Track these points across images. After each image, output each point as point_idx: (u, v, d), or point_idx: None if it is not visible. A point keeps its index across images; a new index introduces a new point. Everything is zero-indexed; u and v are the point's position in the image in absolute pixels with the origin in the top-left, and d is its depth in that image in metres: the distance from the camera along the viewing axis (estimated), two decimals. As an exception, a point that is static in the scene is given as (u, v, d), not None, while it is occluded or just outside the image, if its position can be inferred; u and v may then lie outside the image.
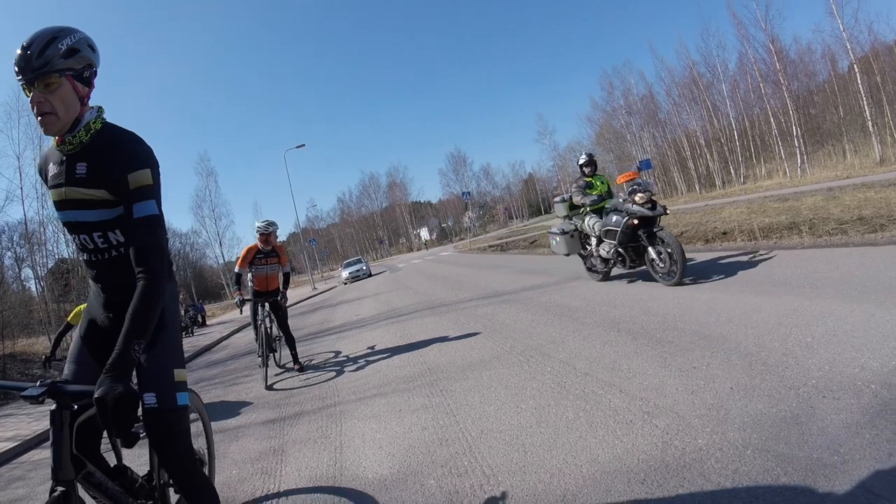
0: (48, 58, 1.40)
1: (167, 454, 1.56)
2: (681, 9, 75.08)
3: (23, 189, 17.10)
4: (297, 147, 31.31)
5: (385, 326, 7.47)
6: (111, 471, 1.62)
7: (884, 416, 1.85)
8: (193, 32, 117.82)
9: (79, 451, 1.37)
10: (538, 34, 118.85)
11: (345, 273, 28.13)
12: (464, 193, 34.86)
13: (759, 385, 2.36)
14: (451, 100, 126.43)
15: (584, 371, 3.19)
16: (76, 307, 5.37)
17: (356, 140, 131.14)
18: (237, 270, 5.87)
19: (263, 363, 5.42)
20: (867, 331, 2.70)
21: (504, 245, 23.04)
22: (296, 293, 25.94)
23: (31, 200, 17.82)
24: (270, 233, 5.60)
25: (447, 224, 78.21)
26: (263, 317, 5.70)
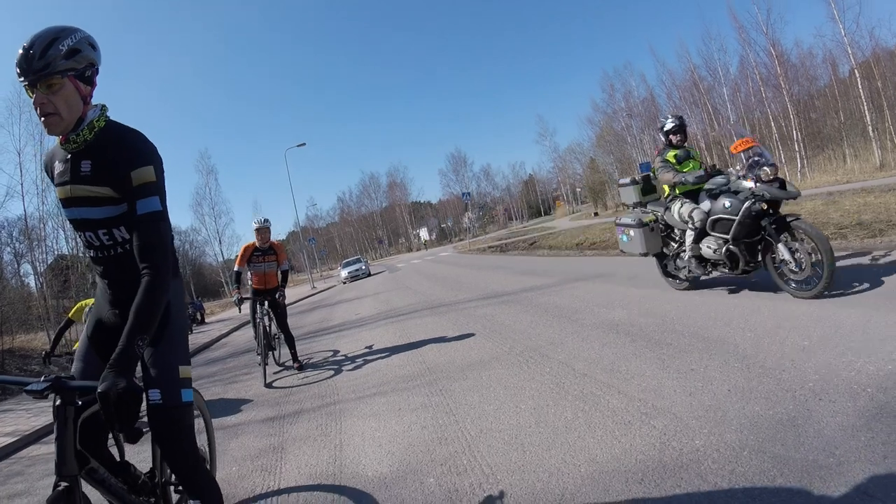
0: (50, 59, 1.41)
1: (171, 451, 1.57)
2: (682, 11, 75.44)
3: (23, 185, 17.07)
4: (298, 146, 31.36)
5: (384, 326, 7.48)
6: (115, 467, 1.63)
7: (879, 420, 1.87)
8: (195, 29, 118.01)
9: (83, 447, 1.38)
10: (539, 34, 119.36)
11: (344, 272, 28.03)
12: (464, 194, 34.91)
13: (757, 387, 2.38)
14: (452, 100, 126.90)
15: (583, 372, 3.21)
16: (77, 304, 5.38)
17: (357, 139, 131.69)
18: (236, 269, 5.89)
19: (262, 361, 5.45)
20: (864, 335, 2.72)
21: (503, 246, 23.07)
22: (295, 292, 25.94)
23: (32, 196, 17.86)
24: (266, 228, 5.62)
25: (447, 224, 78.24)
26: (262, 315, 5.72)
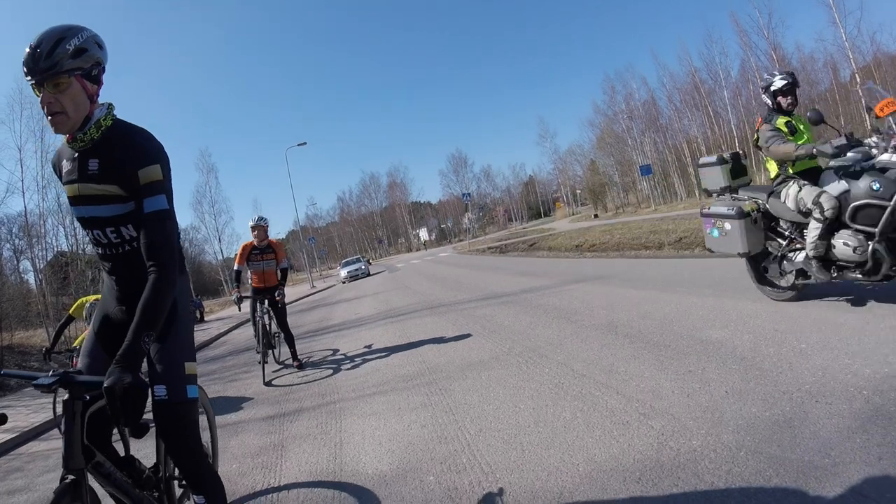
0: (57, 58, 1.41)
1: (176, 446, 1.59)
2: (683, 13, 75.64)
3: (23, 181, 17.05)
4: (299, 145, 31.45)
5: (384, 326, 7.50)
6: (120, 461, 1.65)
7: (875, 422, 1.89)
8: (195, 26, 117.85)
9: (89, 441, 1.40)
10: (539, 34, 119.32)
11: (343, 272, 27.94)
12: (464, 195, 35.00)
13: (754, 389, 2.41)
14: (453, 100, 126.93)
15: (582, 373, 3.23)
16: (77, 300, 5.40)
17: (357, 139, 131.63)
18: (236, 267, 5.91)
19: (262, 360, 5.46)
20: (861, 338, 2.75)
21: (503, 247, 23.10)
22: (294, 291, 25.95)
23: (32, 193, 17.79)
24: (260, 226, 5.59)
25: (446, 225, 78.29)
26: (262, 313, 5.73)
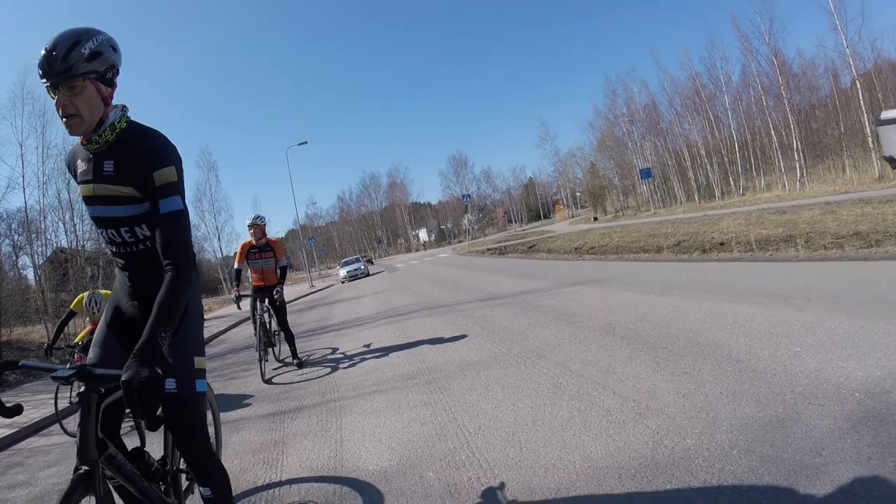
0: (72, 62, 1.43)
1: (184, 439, 1.62)
2: (685, 17, 75.86)
3: (24, 177, 17.06)
4: (300, 144, 31.33)
5: (383, 325, 7.53)
6: (129, 453, 1.69)
7: (866, 423, 1.93)
8: (197, 23, 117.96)
9: (101, 434, 1.44)
10: (540, 35, 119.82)
11: (342, 272, 27.82)
12: (464, 196, 35.04)
13: (748, 390, 2.45)
14: (454, 101, 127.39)
15: (580, 373, 3.27)
16: (78, 295, 5.43)
17: (358, 138, 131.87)
18: (236, 266, 5.95)
19: (262, 357, 5.49)
20: (855, 342, 2.79)
21: (502, 248, 23.13)
22: (293, 290, 25.97)
23: (33, 189, 17.79)
24: (256, 225, 5.62)
25: (446, 226, 78.31)
26: (262, 311, 5.77)
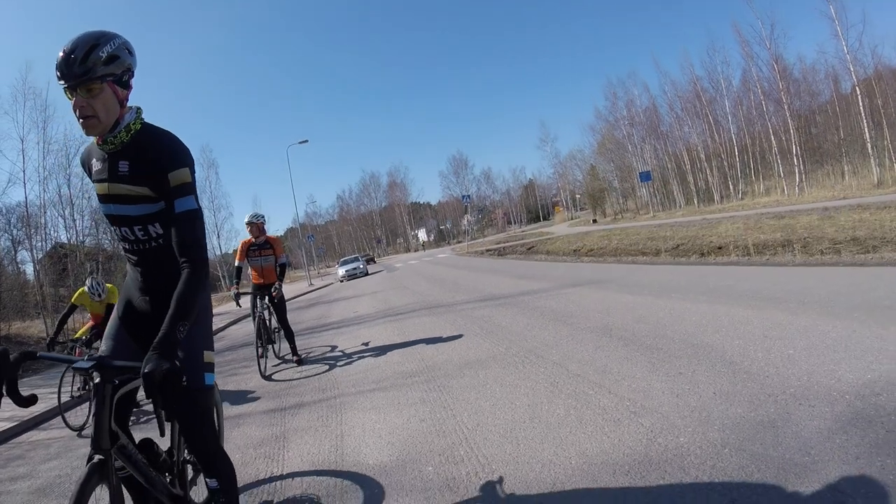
0: (90, 65, 1.46)
1: (192, 431, 1.67)
2: (687, 21, 76.05)
3: (25, 172, 17.09)
4: (301, 143, 31.29)
5: (383, 324, 7.58)
6: (138, 445, 1.73)
7: (855, 424, 1.98)
8: (198, 20, 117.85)
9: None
10: (542, 36, 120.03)
11: (341, 271, 27.76)
12: (464, 197, 35.12)
13: (741, 391, 2.50)
14: (455, 101, 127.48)
15: (576, 372, 3.32)
16: (79, 289, 5.48)
17: (358, 137, 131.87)
18: (236, 264, 6.01)
19: (261, 354, 5.53)
20: (847, 346, 2.84)
21: (501, 250, 23.17)
22: (292, 288, 26.00)
23: (33, 183, 17.84)
24: (253, 223, 5.67)
25: (445, 226, 78.36)
26: (262, 309, 5.81)
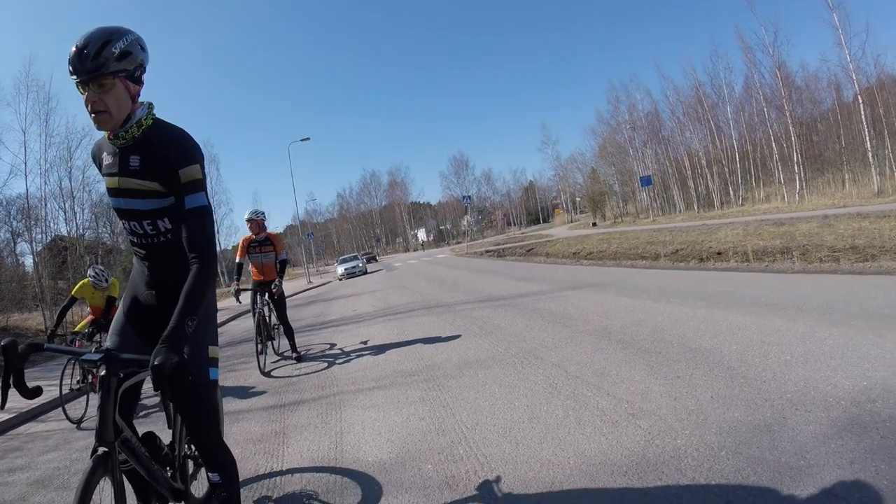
0: (103, 60, 1.47)
1: (196, 426, 1.69)
2: (690, 27, 76.21)
3: (27, 164, 17.09)
4: (302, 140, 31.25)
5: (382, 323, 7.60)
6: (141, 438, 1.75)
7: (850, 430, 2.01)
8: (200, 17, 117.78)
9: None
10: (545, 38, 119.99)
11: (340, 269, 27.68)
12: (464, 197, 35.11)
13: (738, 395, 2.53)
14: (457, 101, 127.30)
15: (575, 374, 3.35)
16: (80, 281, 5.49)
17: (359, 136, 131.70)
18: (237, 260, 6.04)
19: (261, 350, 5.55)
20: (844, 353, 2.87)
21: (501, 251, 23.21)
22: (291, 285, 25.96)
23: (34, 176, 17.82)
24: (254, 220, 5.70)
25: (445, 227, 78.36)
26: (262, 305, 5.83)
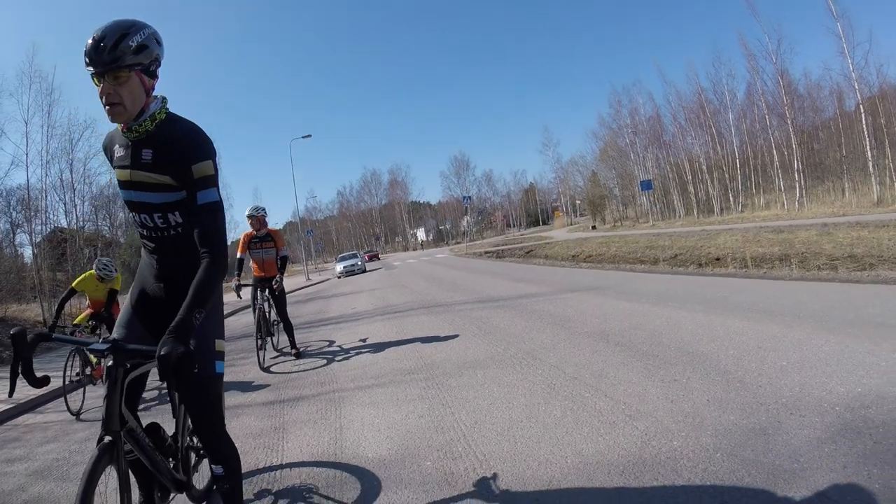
0: (120, 53, 1.48)
1: (201, 418, 1.71)
2: (693, 33, 76.35)
3: (28, 155, 17.07)
4: (304, 137, 31.22)
5: (381, 321, 7.62)
6: (145, 429, 1.78)
7: (843, 435, 2.04)
8: (203, 13, 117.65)
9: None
10: (548, 42, 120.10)
11: (339, 267, 27.74)
12: (464, 198, 35.17)
13: (734, 399, 2.56)
14: (458, 101, 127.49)
15: (573, 375, 3.38)
16: (83, 274, 5.51)
17: (360, 135, 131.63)
18: (238, 256, 6.07)
19: (260, 346, 5.57)
20: (839, 360, 2.90)
21: (500, 252, 23.24)
22: (290, 282, 25.99)
23: (35, 167, 17.80)
24: (254, 216, 5.71)
25: (444, 227, 78.43)
26: (262, 301, 5.86)
